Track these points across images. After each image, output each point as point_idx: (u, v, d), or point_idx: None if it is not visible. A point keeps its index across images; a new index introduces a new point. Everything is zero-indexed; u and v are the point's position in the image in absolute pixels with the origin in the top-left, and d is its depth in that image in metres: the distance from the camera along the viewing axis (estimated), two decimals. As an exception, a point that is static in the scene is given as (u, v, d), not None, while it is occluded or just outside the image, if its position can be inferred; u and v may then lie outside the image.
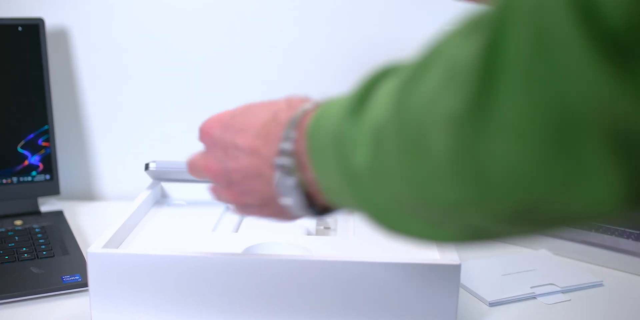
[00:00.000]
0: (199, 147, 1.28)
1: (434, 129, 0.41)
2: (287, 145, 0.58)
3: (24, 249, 1.05)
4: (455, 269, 0.82)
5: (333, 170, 0.52)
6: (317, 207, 0.61)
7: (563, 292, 0.97)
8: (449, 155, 0.40)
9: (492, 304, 0.93)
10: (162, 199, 1.15)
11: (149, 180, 1.13)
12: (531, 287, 0.97)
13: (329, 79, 1.29)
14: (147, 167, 1.09)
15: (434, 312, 0.83)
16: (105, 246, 0.85)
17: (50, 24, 1.25)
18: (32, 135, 1.21)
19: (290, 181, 0.59)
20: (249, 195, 0.66)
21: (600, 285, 1.00)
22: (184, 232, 0.99)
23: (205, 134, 0.70)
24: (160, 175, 1.12)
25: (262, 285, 0.83)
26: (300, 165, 0.58)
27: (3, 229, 1.12)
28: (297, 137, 0.58)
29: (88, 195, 1.36)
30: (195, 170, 0.73)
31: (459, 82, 0.39)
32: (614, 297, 0.97)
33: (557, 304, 0.94)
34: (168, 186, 1.15)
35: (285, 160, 0.58)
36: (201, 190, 1.12)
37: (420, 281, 0.82)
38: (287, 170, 0.59)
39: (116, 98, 1.31)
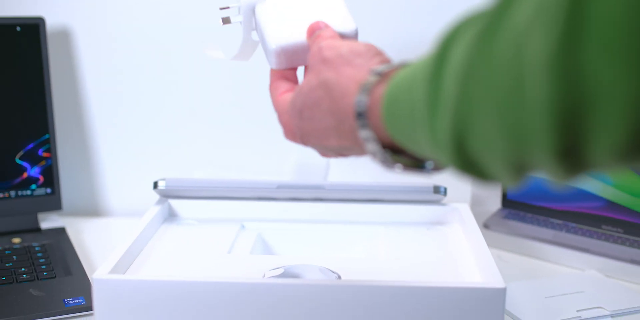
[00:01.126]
0: (209, 156, 1.31)
1: (528, 73, 0.43)
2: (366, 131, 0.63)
3: (23, 269, 1.04)
4: (500, 293, 0.81)
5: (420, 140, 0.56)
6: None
7: (612, 316, 0.96)
8: (548, 98, 0.42)
9: (536, 330, 0.94)
10: (170, 217, 1.14)
11: (157, 195, 1.13)
12: (577, 311, 0.96)
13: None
14: (155, 185, 1.10)
15: None
16: (112, 271, 0.85)
17: (51, 23, 1.25)
18: (31, 145, 1.21)
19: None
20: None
21: (654, 309, 1.00)
22: (197, 255, 0.99)
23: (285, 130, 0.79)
24: (170, 193, 1.12)
25: (285, 314, 0.82)
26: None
27: (0, 248, 1.12)
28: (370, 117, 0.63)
29: (92, 210, 1.35)
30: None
31: (548, 19, 0.42)
32: (669, 321, 0.97)
33: (606, 329, 0.95)
34: (177, 203, 1.14)
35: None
36: (213, 208, 1.13)
37: (461, 307, 0.81)
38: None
39: (124, 104, 1.31)
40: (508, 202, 1.18)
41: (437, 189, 1.07)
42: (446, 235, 1.04)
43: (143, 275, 0.90)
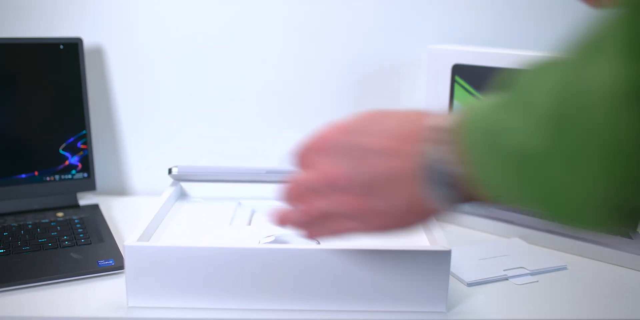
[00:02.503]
0: (213, 147, 1.31)
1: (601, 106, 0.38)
2: (437, 136, 0.51)
3: (65, 237, 1.05)
4: (447, 254, 0.82)
5: (499, 162, 0.46)
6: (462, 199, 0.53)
7: (532, 274, 0.98)
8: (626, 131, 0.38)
9: (470, 284, 0.94)
10: (182, 196, 1.15)
11: (171, 179, 1.14)
12: (504, 270, 0.97)
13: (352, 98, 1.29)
14: (170, 171, 1.11)
15: (426, 294, 0.84)
16: (139, 239, 0.86)
17: (88, 42, 1.25)
18: (72, 139, 1.21)
19: (441, 170, 0.51)
20: (377, 200, 0.56)
21: (565, 268, 1.00)
22: (205, 226, 0.99)
23: (318, 144, 0.59)
24: (181, 178, 1.12)
25: (276, 273, 0.84)
26: (447, 160, 0.51)
27: (47, 220, 1.12)
28: (445, 136, 0.50)
29: (120, 190, 1.36)
30: (291, 197, 0.63)
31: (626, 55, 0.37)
32: (576, 278, 0.97)
33: (526, 285, 0.94)
34: (187, 185, 1.15)
35: (435, 150, 0.51)
36: (216, 189, 1.14)
37: (416, 265, 0.83)
38: (437, 160, 0.51)
39: (144, 107, 1.31)
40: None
41: None
42: None
43: (163, 242, 0.91)
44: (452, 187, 0.51)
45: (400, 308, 0.85)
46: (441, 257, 0.82)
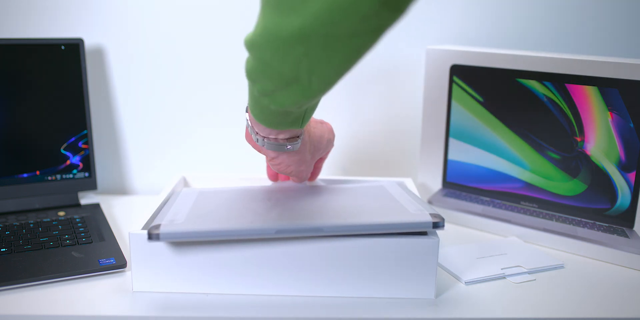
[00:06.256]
0: (216, 149, 1.30)
1: None
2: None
3: (67, 236, 1.05)
4: (429, 224, 0.84)
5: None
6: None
7: (529, 272, 0.98)
8: None
9: (468, 283, 0.94)
10: (185, 186, 1.15)
11: (172, 176, 1.14)
12: (501, 269, 0.98)
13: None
14: (150, 236, 0.84)
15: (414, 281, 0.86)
16: (142, 228, 0.89)
17: (89, 43, 1.26)
18: (73, 139, 1.21)
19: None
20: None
21: (562, 267, 1.00)
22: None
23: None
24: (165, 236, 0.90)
25: (270, 258, 0.86)
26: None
27: (48, 219, 1.12)
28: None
29: (121, 190, 1.36)
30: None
31: None
32: (572, 277, 0.97)
33: (523, 283, 0.94)
34: (190, 180, 1.15)
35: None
36: (217, 182, 1.15)
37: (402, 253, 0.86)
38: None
39: (145, 107, 1.31)
40: (447, 183, 1.18)
41: (436, 225, 0.84)
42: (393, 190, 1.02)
43: (164, 229, 0.90)
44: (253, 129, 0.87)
45: (389, 295, 0.87)
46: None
